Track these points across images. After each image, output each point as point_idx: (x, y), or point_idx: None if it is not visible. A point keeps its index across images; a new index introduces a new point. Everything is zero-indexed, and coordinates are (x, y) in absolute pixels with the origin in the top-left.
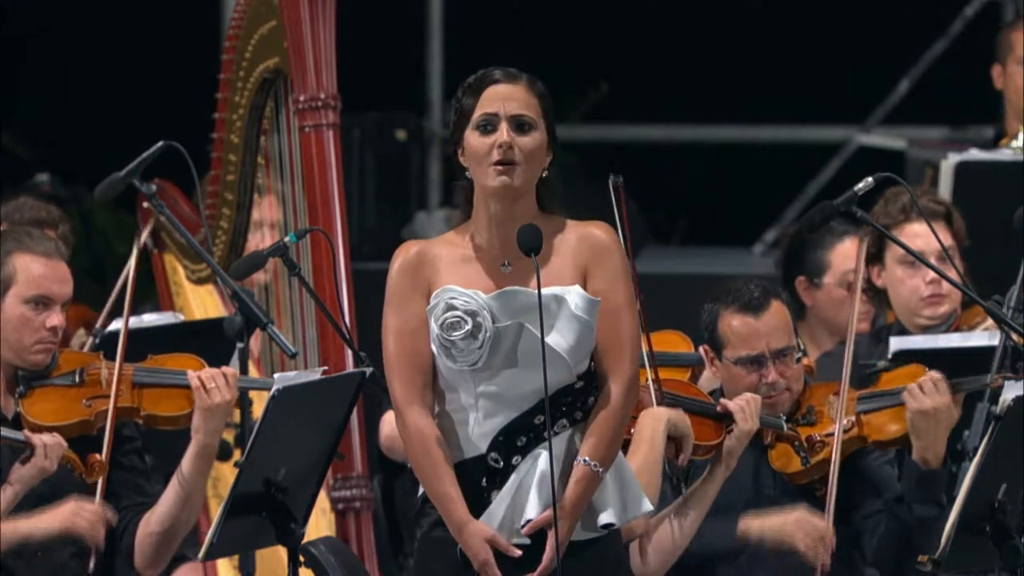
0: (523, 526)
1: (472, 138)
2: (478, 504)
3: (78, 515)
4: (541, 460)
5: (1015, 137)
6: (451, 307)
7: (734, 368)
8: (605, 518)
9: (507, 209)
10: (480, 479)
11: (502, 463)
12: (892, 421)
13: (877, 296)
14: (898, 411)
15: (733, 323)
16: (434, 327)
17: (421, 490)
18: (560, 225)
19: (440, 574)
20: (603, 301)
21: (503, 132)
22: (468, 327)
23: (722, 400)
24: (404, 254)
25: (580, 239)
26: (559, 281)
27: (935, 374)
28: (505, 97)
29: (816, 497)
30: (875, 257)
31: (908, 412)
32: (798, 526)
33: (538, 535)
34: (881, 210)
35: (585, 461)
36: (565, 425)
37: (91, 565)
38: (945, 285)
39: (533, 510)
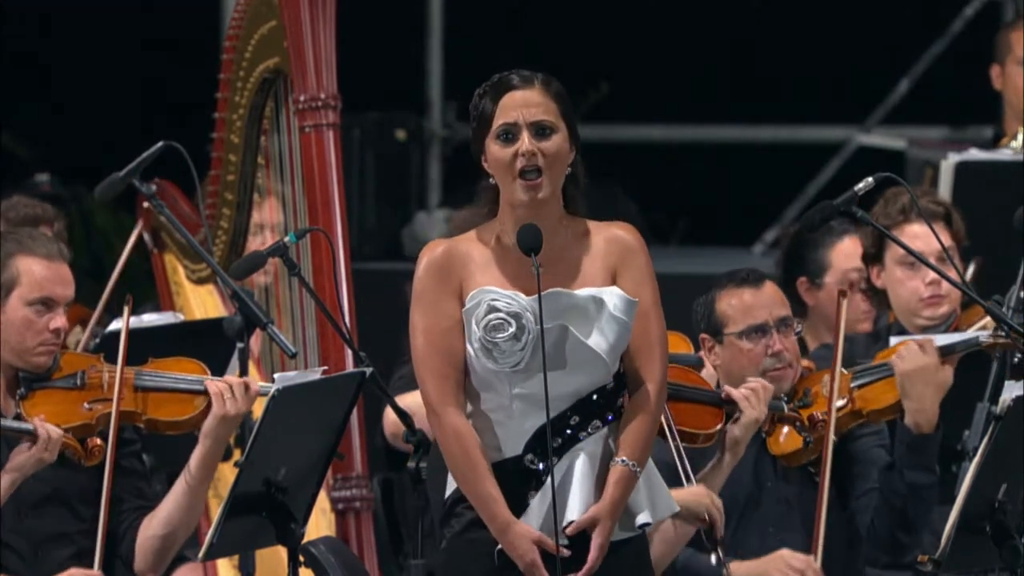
0: (565, 527)
1: (494, 148)
2: (516, 505)
3: None
4: (579, 461)
5: (1014, 137)
6: (494, 309)
7: (738, 343)
8: (642, 518)
9: (533, 215)
10: (517, 481)
11: (539, 464)
12: (884, 390)
13: (876, 296)
14: (890, 381)
15: (733, 300)
16: (476, 329)
17: (448, 491)
18: (585, 227)
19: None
20: None
21: (525, 140)
22: (512, 329)
23: (726, 388)
24: (431, 253)
25: (608, 241)
26: (592, 283)
27: (925, 338)
28: (523, 104)
29: (814, 483)
30: (874, 257)
31: (897, 374)
32: (776, 564)
33: (577, 536)
34: (881, 211)
35: (623, 461)
36: (598, 426)
37: None
38: (945, 286)
39: (575, 511)
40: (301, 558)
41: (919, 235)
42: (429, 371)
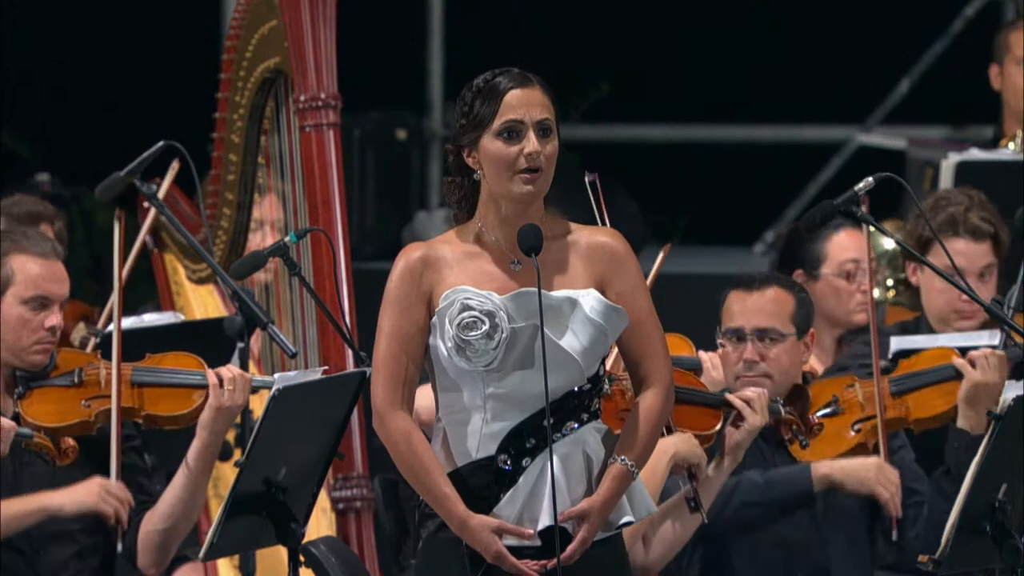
0: (541, 531)
1: (494, 145)
2: (485, 506)
3: (105, 498)
4: (552, 463)
5: (1013, 138)
6: (467, 307)
7: (722, 341)
8: (624, 516)
9: (521, 211)
10: (488, 481)
11: (511, 465)
12: (937, 397)
13: (908, 291)
14: (941, 388)
15: (730, 299)
16: (449, 328)
17: None
18: (567, 228)
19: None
20: (628, 311)
21: (531, 140)
22: (485, 327)
23: (727, 395)
24: (406, 258)
25: (593, 248)
26: (572, 284)
27: (990, 351)
28: (528, 103)
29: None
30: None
31: (967, 383)
32: (878, 474)
33: (550, 538)
34: (931, 215)
35: (622, 460)
36: (573, 427)
37: (119, 545)
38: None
39: (547, 515)
40: (301, 558)
41: (962, 252)
42: (384, 375)
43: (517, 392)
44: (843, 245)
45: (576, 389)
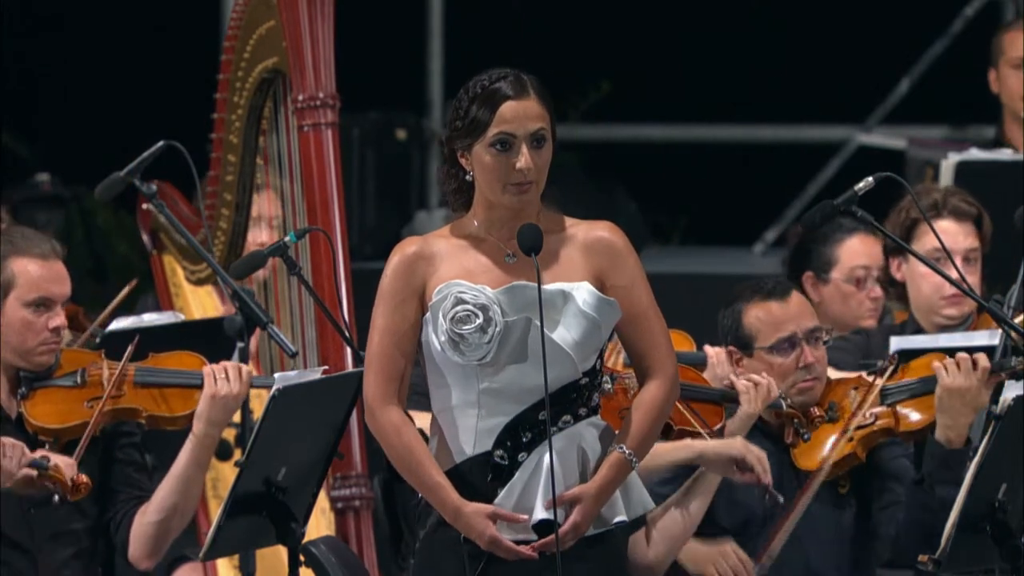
0: (535, 524)
1: (487, 155)
2: (482, 502)
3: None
4: (547, 458)
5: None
6: (461, 301)
7: (768, 357)
8: (617, 515)
9: (515, 211)
10: (485, 477)
11: (508, 460)
12: (916, 409)
13: (894, 288)
14: (924, 400)
15: (760, 313)
16: (443, 321)
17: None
18: (563, 222)
19: (448, 574)
20: (628, 305)
21: (524, 155)
22: (479, 321)
23: (731, 378)
24: (401, 252)
25: (591, 242)
26: (565, 277)
27: (978, 355)
28: (522, 116)
29: (839, 496)
30: (896, 250)
31: (938, 388)
32: (716, 556)
33: (544, 531)
34: (910, 203)
35: (621, 448)
36: (569, 421)
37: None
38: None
39: (542, 510)
40: (301, 558)
41: (947, 231)
42: (376, 370)
43: (511, 386)
44: (855, 251)
45: (571, 383)
